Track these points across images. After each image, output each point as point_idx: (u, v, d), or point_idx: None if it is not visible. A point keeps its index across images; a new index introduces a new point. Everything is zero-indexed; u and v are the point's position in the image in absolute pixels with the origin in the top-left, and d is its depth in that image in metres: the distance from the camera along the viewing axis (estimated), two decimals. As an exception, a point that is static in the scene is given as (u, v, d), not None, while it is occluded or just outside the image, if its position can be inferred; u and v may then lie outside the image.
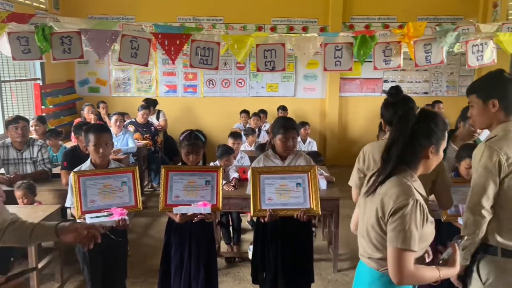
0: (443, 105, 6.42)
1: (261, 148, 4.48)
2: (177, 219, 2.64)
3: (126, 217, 2.56)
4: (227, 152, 4.17)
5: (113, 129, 5.47)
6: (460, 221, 2.79)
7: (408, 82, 7.67)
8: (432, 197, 2.28)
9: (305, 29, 7.41)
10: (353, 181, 2.42)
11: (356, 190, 2.41)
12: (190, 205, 2.66)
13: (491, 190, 1.81)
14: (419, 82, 7.72)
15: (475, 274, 1.89)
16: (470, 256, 1.88)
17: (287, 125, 2.81)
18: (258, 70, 2.78)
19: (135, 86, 7.74)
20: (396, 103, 2.24)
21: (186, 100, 7.70)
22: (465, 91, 6.78)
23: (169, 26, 4.64)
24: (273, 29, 7.41)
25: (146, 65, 2.86)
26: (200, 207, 2.63)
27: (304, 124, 5.90)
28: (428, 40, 2.76)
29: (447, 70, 7.58)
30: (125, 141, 5.62)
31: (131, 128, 6.02)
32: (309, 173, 2.70)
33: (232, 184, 3.85)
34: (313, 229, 4.34)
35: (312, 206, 2.66)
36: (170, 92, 7.72)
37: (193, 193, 2.72)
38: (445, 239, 3.05)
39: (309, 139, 5.92)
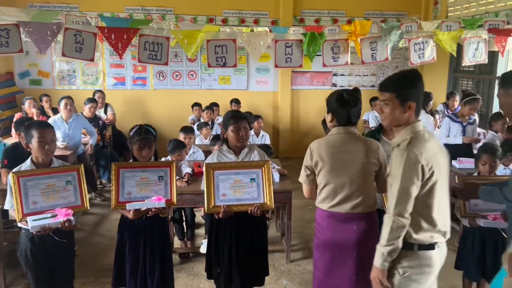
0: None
1: (217, 138, 4.47)
2: (130, 215, 2.60)
3: (72, 218, 2.48)
4: (179, 146, 4.12)
5: (63, 114, 5.24)
6: (479, 222, 2.90)
7: (356, 75, 7.92)
8: None
9: (256, 22, 7.43)
10: (302, 178, 2.49)
11: (306, 186, 2.48)
12: (143, 201, 2.62)
13: (414, 194, 1.88)
14: (367, 75, 8.00)
15: (392, 269, 1.97)
16: (391, 260, 1.94)
17: (237, 115, 2.84)
18: (209, 65, 2.76)
19: (80, 79, 7.40)
20: (355, 103, 2.36)
21: (136, 93, 7.48)
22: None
23: (116, 18, 4.47)
24: (225, 21, 7.36)
25: (92, 60, 2.74)
26: (154, 202, 2.61)
27: (257, 117, 5.94)
28: (373, 38, 2.87)
29: (393, 64, 7.91)
30: (79, 128, 5.36)
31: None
32: (263, 168, 2.73)
33: (185, 180, 3.82)
34: (267, 221, 4.41)
35: (266, 201, 2.70)
36: (118, 85, 7.46)
37: (146, 189, 2.69)
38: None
39: (262, 132, 5.97)
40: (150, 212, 2.61)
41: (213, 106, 6.57)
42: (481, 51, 3.03)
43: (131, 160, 2.85)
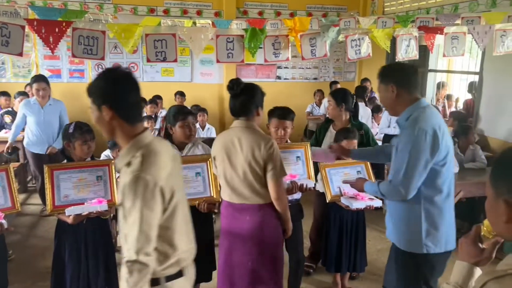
0: (339, 85, 6.90)
1: (160, 134, 4.39)
2: (69, 220, 2.49)
3: (3, 221, 2.34)
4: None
5: (38, 99, 4.67)
6: (344, 200, 3.08)
7: (300, 68, 8.08)
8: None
9: (199, 13, 7.33)
10: (213, 169, 2.63)
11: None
12: (83, 203, 2.53)
13: (157, 224, 1.59)
14: (309, 68, 8.18)
15: None
16: None
17: (185, 110, 2.84)
18: (148, 60, 2.69)
19: (11, 71, 6.92)
20: (236, 95, 2.37)
21: (73, 86, 7.10)
22: (350, 77, 7.36)
23: (48, 9, 4.20)
24: (166, 12, 7.18)
25: (21, 54, 2.56)
26: (96, 205, 2.52)
27: (201, 110, 5.90)
28: (312, 35, 2.94)
29: (334, 57, 8.15)
30: (57, 113, 4.82)
31: (8, 118, 5.41)
32: (208, 161, 2.75)
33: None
34: (213, 215, 4.41)
35: (212, 194, 2.72)
36: (53, 78, 7.04)
37: (85, 190, 2.60)
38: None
39: (208, 126, 5.94)
40: (91, 214, 2.52)
41: (156, 99, 6.42)
42: (412, 47, 3.21)
43: (64, 161, 2.72)
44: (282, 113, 2.88)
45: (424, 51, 5.57)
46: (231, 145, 2.37)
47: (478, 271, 1.26)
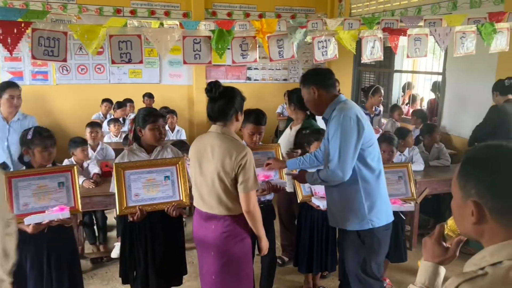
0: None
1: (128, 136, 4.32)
2: (29, 230, 2.38)
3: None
4: (82, 143, 3.91)
5: (4, 112, 3.63)
6: (314, 200, 3.11)
7: (269, 69, 8.11)
8: None
9: (167, 14, 7.24)
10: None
11: None
12: (44, 211, 2.43)
13: None
14: (279, 69, 8.23)
15: None
16: None
17: (155, 113, 2.78)
18: (113, 62, 2.63)
19: (-33, 73, 6.62)
20: (214, 98, 2.28)
21: (36, 88, 6.85)
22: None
23: (8, 9, 4.03)
24: (133, 12, 7.05)
25: (-25, 57, 2.44)
26: (57, 213, 2.43)
27: (170, 112, 5.83)
28: (280, 36, 2.95)
29: (303, 58, 8.23)
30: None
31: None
32: (178, 164, 2.71)
33: (92, 181, 3.63)
34: (183, 219, 4.37)
35: (182, 198, 2.69)
36: (15, 80, 6.78)
37: (46, 198, 2.50)
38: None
39: (177, 128, 5.88)
40: (53, 223, 2.43)
41: (127, 102, 6.29)
42: (377, 49, 3.28)
43: (23, 168, 2.62)
44: (258, 118, 2.84)
45: (389, 52, 5.72)
46: (203, 151, 2.30)
47: (443, 270, 1.26)
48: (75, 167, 2.60)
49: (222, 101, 2.26)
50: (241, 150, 2.21)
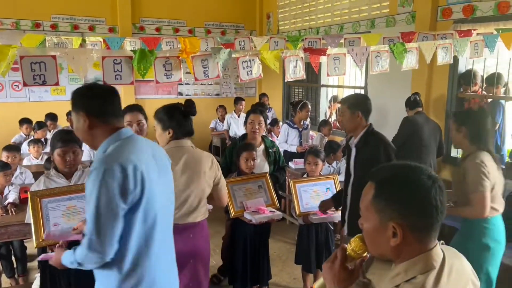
0: (244, 101, 7.02)
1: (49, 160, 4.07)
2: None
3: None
4: (3, 167, 3.64)
5: None
6: (246, 215, 3.10)
7: (201, 84, 8.11)
8: None
9: (92, 29, 6.97)
10: None
11: None
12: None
13: None
14: (211, 84, 8.25)
15: None
16: None
17: (66, 137, 2.59)
18: (25, 84, 2.46)
19: None
20: (191, 115, 2.61)
21: None
22: (251, 92, 7.62)
23: None
24: (54, 27, 6.71)
25: None
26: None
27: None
28: (204, 56, 2.96)
29: (235, 73, 8.32)
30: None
31: None
32: None
33: (3, 210, 3.37)
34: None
35: None
36: None
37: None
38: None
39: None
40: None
41: (48, 120, 5.92)
42: (299, 68, 3.39)
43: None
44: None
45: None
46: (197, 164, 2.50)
47: None
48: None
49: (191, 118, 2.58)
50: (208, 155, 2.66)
